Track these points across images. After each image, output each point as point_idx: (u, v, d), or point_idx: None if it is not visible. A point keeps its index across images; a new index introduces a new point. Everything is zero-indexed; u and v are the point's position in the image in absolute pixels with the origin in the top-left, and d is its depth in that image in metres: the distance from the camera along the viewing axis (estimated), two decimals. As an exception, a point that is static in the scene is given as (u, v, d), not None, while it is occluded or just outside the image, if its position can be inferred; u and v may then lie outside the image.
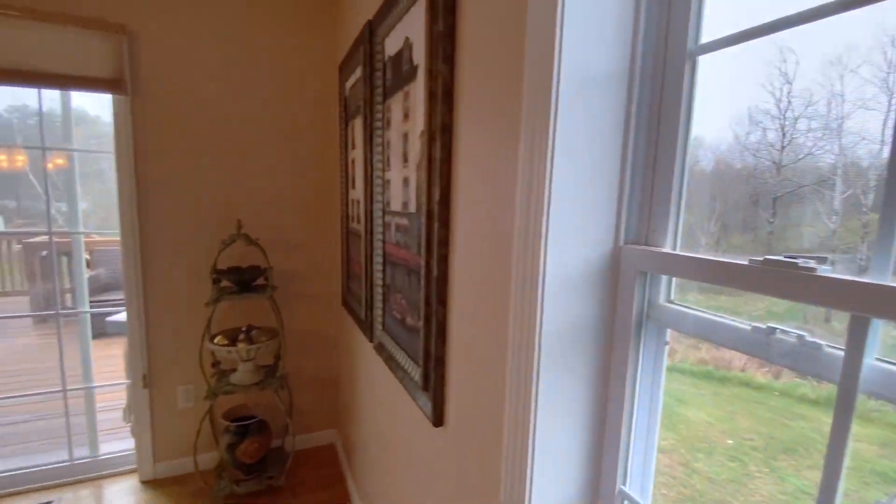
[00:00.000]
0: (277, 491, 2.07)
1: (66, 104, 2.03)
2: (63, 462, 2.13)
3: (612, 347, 0.72)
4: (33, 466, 2.09)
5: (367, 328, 1.63)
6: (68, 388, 2.13)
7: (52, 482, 2.09)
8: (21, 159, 4.94)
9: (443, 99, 0.94)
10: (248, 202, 2.12)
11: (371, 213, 1.53)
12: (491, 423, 0.82)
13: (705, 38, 0.61)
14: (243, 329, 1.99)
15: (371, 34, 1.44)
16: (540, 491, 0.72)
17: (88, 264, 5.30)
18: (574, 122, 0.64)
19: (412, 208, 1.15)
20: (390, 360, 1.35)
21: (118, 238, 2.00)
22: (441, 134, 0.95)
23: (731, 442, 0.84)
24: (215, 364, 2.05)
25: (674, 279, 0.67)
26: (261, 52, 2.08)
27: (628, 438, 0.71)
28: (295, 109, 2.17)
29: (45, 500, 1.98)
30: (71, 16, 1.81)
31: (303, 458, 2.34)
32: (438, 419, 1.04)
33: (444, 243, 0.99)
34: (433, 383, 1.04)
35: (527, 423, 0.70)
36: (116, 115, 1.93)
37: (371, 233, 1.54)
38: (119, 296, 4.61)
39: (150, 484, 2.12)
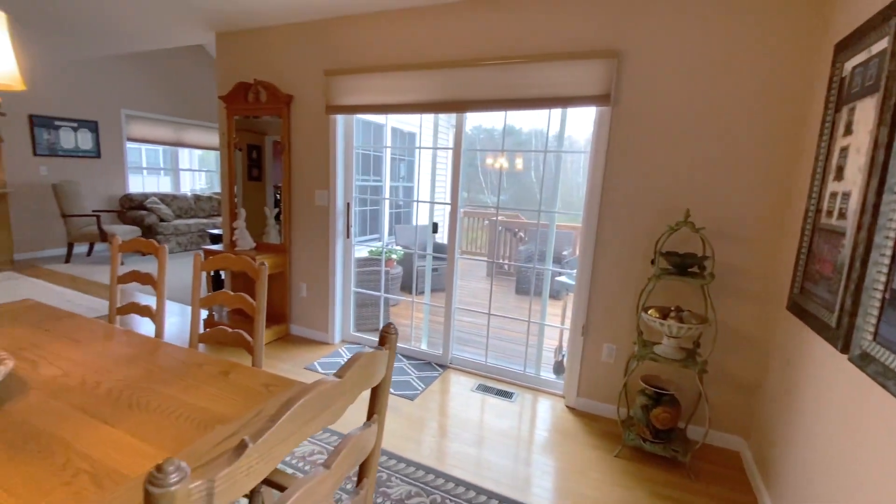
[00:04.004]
0: (679, 466, 2.20)
1: (563, 120, 2.80)
2: (518, 370, 3.06)
3: None
4: (505, 367, 3.11)
5: (839, 336, 1.45)
6: (532, 320, 3.01)
7: (512, 381, 3.04)
8: (501, 162, 7.08)
9: None
10: (695, 193, 2.28)
11: (877, 206, 1.34)
12: None
13: None
14: (673, 308, 2.19)
15: (923, -2, 1.23)
16: None
17: (520, 240, 7.05)
18: None
19: (981, 200, 0.94)
20: (884, 374, 1.18)
21: (536, 220, 2.62)
22: None
23: None
24: (639, 333, 2.36)
25: None
26: (727, 53, 2.14)
27: None
28: (754, 104, 2.12)
29: (510, 390, 2.91)
30: (577, 52, 2.46)
31: (703, 450, 2.35)
32: None
33: None
34: None
35: None
36: (597, 123, 2.49)
37: (871, 228, 1.35)
38: (539, 265, 5.92)
39: (570, 410, 2.72)
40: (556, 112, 2.91)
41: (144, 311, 1.76)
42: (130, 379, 1.27)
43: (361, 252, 4.31)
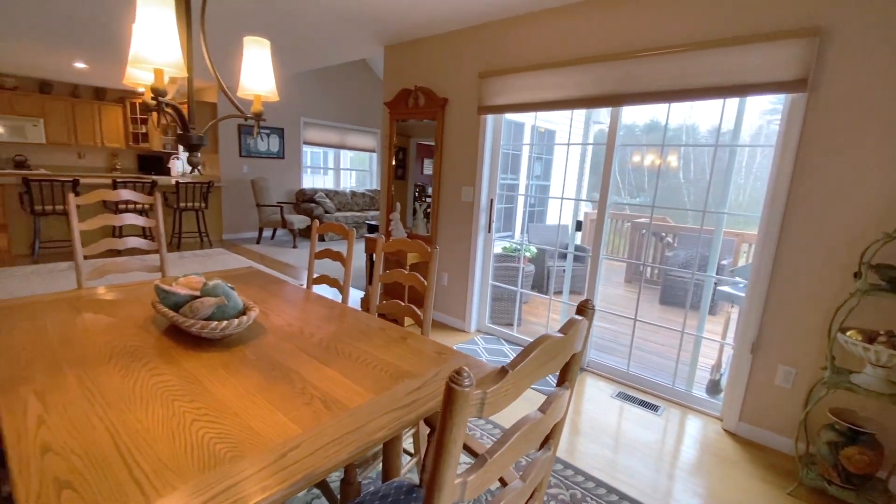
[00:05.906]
0: (879, 522, 1.83)
1: (739, 112, 2.51)
2: (666, 384, 2.84)
3: None
4: (651, 378, 2.91)
5: None
6: (686, 331, 2.77)
7: (658, 393, 2.84)
8: (654, 159, 6.61)
9: None
10: (926, 194, 1.86)
11: None
12: None
13: None
14: (883, 332, 1.82)
15: None
16: None
17: (668, 245, 6.46)
18: None
19: None
20: None
21: (693, 225, 2.32)
22: None
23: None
24: (832, 357, 2.01)
25: None
26: None
27: None
28: None
29: (655, 403, 2.72)
30: (760, 33, 2.17)
31: (916, 511, 1.91)
32: None
33: None
34: None
35: None
36: (786, 112, 2.18)
37: None
38: (701, 273, 5.35)
39: (729, 434, 2.44)
40: (717, 102, 2.62)
41: (334, 282, 2.11)
42: (333, 333, 1.54)
43: (496, 248, 4.44)
